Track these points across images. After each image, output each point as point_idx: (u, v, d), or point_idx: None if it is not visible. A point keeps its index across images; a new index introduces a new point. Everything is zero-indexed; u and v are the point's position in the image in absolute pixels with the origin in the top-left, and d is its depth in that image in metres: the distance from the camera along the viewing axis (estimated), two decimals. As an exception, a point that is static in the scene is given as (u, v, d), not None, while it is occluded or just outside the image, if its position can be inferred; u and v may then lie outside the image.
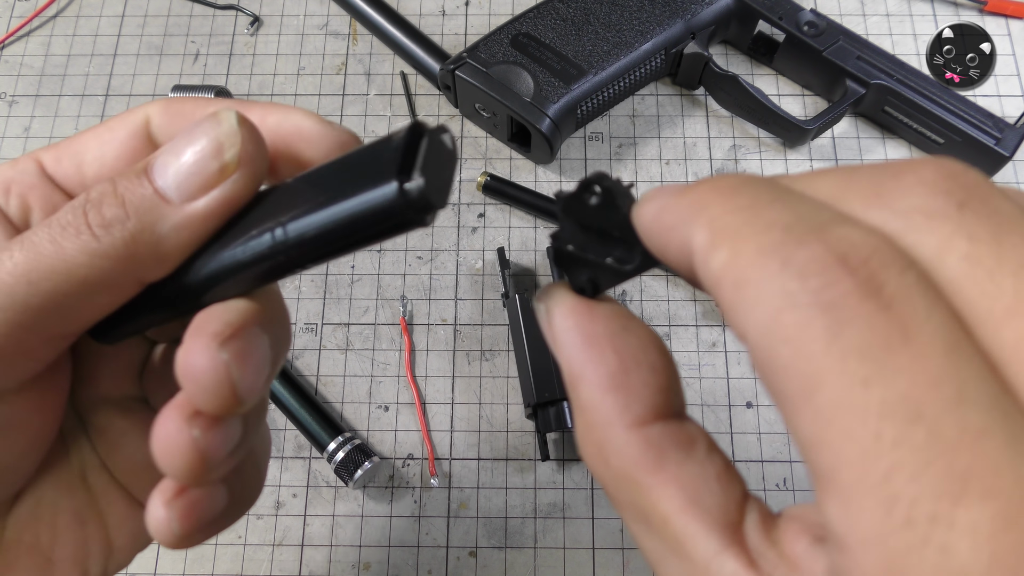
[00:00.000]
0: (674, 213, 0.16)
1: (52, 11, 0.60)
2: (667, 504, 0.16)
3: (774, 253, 0.14)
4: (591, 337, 0.18)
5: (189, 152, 0.20)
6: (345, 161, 0.19)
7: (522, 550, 0.46)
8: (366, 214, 0.18)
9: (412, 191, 0.17)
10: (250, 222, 0.20)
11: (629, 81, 0.52)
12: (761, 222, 0.15)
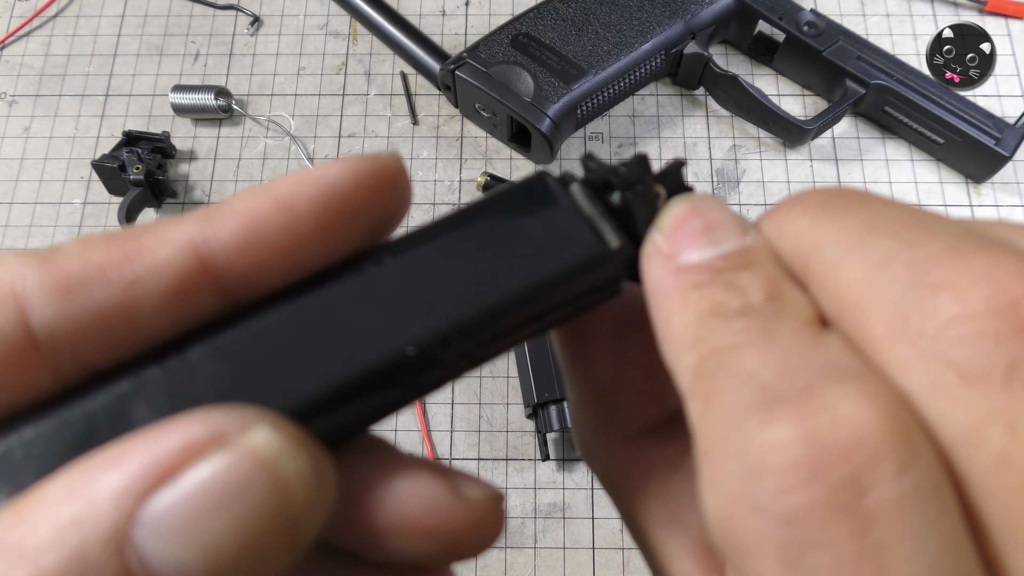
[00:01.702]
0: (673, 322, 0.14)
1: (52, 11, 0.60)
2: (647, 519, 0.15)
3: (745, 417, 0.11)
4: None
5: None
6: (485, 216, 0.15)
7: (522, 550, 0.46)
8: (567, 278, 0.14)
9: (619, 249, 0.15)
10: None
11: (629, 81, 0.52)
12: (738, 374, 0.12)
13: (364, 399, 0.14)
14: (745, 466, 0.10)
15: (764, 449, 0.10)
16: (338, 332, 0.14)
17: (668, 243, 0.15)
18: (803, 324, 0.12)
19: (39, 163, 0.56)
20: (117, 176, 0.52)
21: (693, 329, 0.13)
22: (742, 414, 0.11)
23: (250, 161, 0.55)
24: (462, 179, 0.54)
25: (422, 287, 0.14)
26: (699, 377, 0.12)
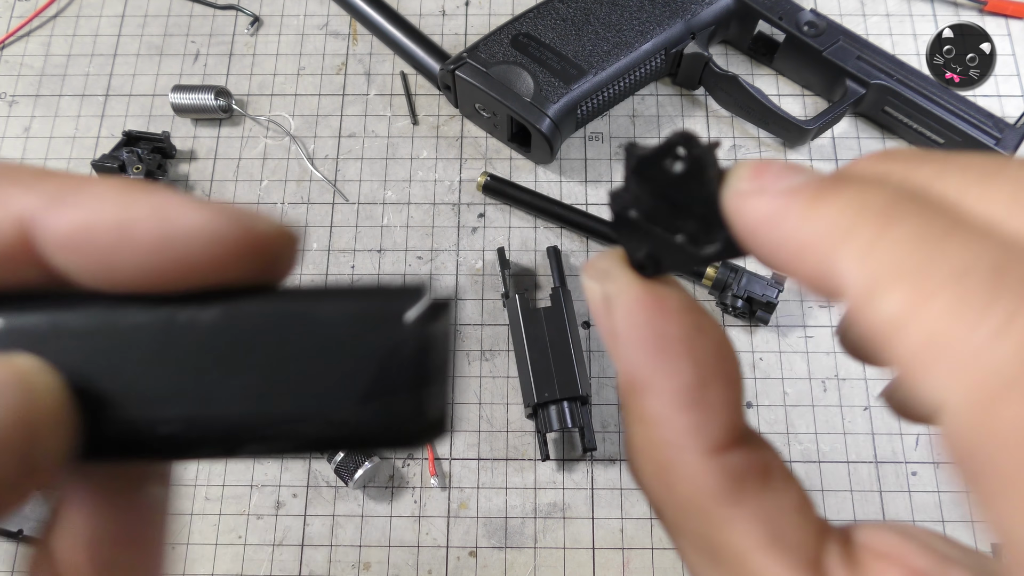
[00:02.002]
0: (804, 228, 0.13)
1: (52, 11, 0.60)
2: (745, 541, 0.14)
3: (987, 310, 0.11)
4: (664, 339, 0.15)
5: None
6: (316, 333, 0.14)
7: (522, 550, 0.46)
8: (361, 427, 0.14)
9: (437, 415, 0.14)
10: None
11: (629, 81, 0.52)
12: (946, 264, 0.12)
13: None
14: (1013, 343, 0.10)
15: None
16: (127, 360, 0.14)
17: (758, 180, 0.15)
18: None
19: (39, 163, 0.56)
20: (117, 176, 0.52)
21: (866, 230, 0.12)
22: (986, 303, 0.11)
23: (250, 161, 0.55)
24: (462, 179, 0.54)
25: (222, 361, 0.14)
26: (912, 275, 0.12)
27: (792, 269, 0.14)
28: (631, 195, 0.16)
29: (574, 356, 0.46)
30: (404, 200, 0.54)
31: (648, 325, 0.15)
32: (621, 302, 0.16)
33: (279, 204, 0.54)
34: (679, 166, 0.15)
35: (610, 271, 0.16)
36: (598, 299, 0.16)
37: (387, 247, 0.52)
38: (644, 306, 0.15)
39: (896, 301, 0.12)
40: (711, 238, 0.15)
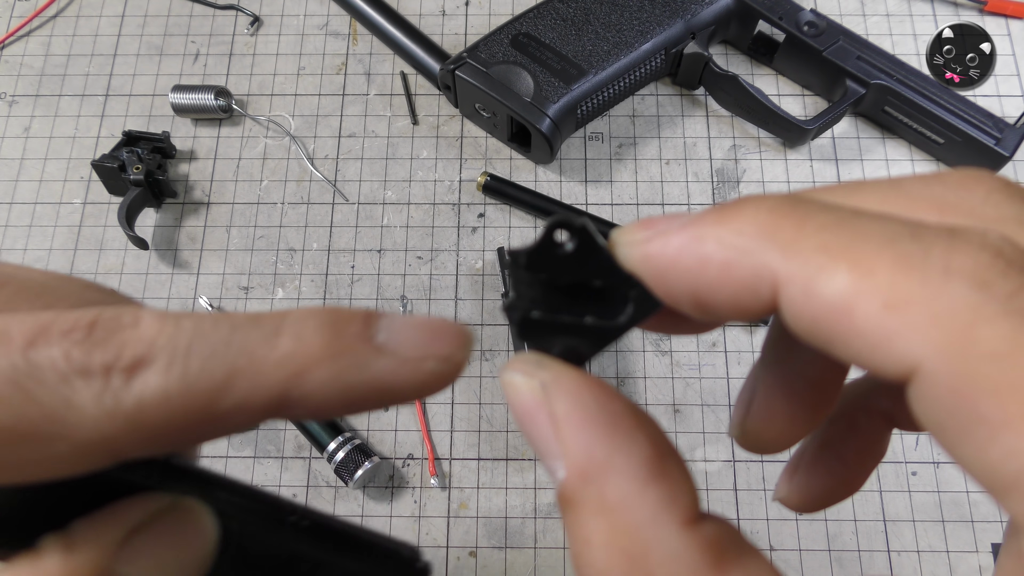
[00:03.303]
0: (723, 245, 0.14)
1: (52, 11, 0.60)
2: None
3: (926, 264, 0.12)
4: (616, 415, 0.15)
5: None
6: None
7: (522, 550, 0.46)
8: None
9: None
10: None
11: (629, 81, 0.52)
12: (871, 236, 0.13)
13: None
14: (962, 285, 0.12)
15: (973, 268, 0.12)
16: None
17: (651, 228, 0.16)
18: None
19: (39, 163, 0.56)
20: (117, 176, 0.52)
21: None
22: (926, 257, 0.12)
23: (250, 161, 0.55)
24: (462, 179, 0.54)
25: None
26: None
27: (719, 289, 0.14)
28: (525, 298, 0.16)
29: (574, 356, 0.46)
30: (404, 200, 0.54)
31: (597, 404, 0.15)
32: (563, 387, 0.15)
33: (279, 204, 0.54)
34: (569, 245, 0.15)
35: (540, 362, 0.16)
36: (528, 392, 0.15)
37: (387, 247, 0.52)
38: (589, 386, 0.15)
39: (841, 280, 0.13)
40: (622, 303, 0.16)
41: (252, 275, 0.52)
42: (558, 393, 0.15)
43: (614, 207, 0.53)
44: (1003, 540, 0.16)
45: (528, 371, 0.16)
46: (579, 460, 0.14)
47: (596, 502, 0.14)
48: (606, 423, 0.15)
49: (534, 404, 0.15)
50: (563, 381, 0.15)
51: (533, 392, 0.15)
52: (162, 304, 0.51)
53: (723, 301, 0.15)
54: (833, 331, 0.13)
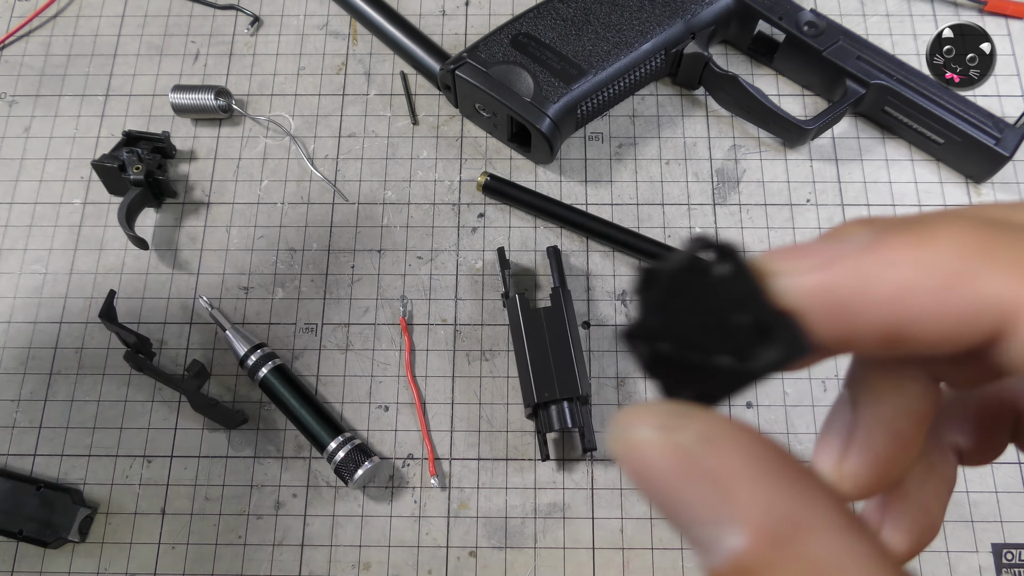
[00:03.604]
0: (931, 267, 0.12)
1: (52, 11, 0.60)
2: None
3: None
4: (791, 468, 0.13)
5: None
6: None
7: (522, 550, 0.46)
8: None
9: None
10: None
11: (629, 81, 0.52)
12: None
13: None
14: None
15: None
16: None
17: (811, 255, 0.14)
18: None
19: (39, 163, 0.56)
20: (117, 176, 0.52)
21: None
22: None
23: (250, 161, 0.55)
24: (462, 179, 0.54)
25: None
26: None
27: (929, 322, 0.13)
28: (651, 327, 0.14)
29: (574, 356, 0.46)
30: (404, 200, 0.54)
31: (768, 455, 0.13)
32: (727, 438, 0.13)
33: (279, 204, 0.54)
34: (722, 270, 0.13)
35: (682, 412, 0.13)
36: (675, 449, 0.13)
37: (387, 247, 0.52)
38: (752, 435, 0.13)
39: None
40: (756, 341, 0.13)
41: (252, 275, 0.52)
42: (724, 447, 0.13)
43: (614, 207, 0.53)
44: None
45: (669, 424, 0.13)
46: (767, 521, 0.12)
47: (797, 566, 0.12)
48: (786, 476, 0.13)
49: (688, 463, 0.13)
50: (725, 432, 0.13)
51: (682, 449, 0.13)
52: (162, 304, 0.51)
53: (930, 336, 0.13)
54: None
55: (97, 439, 0.49)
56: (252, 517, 0.47)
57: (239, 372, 0.50)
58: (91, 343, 0.51)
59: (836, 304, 0.13)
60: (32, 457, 0.48)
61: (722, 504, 0.12)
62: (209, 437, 0.48)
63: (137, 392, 0.50)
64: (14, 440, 0.49)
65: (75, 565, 0.46)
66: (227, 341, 0.49)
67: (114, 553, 0.46)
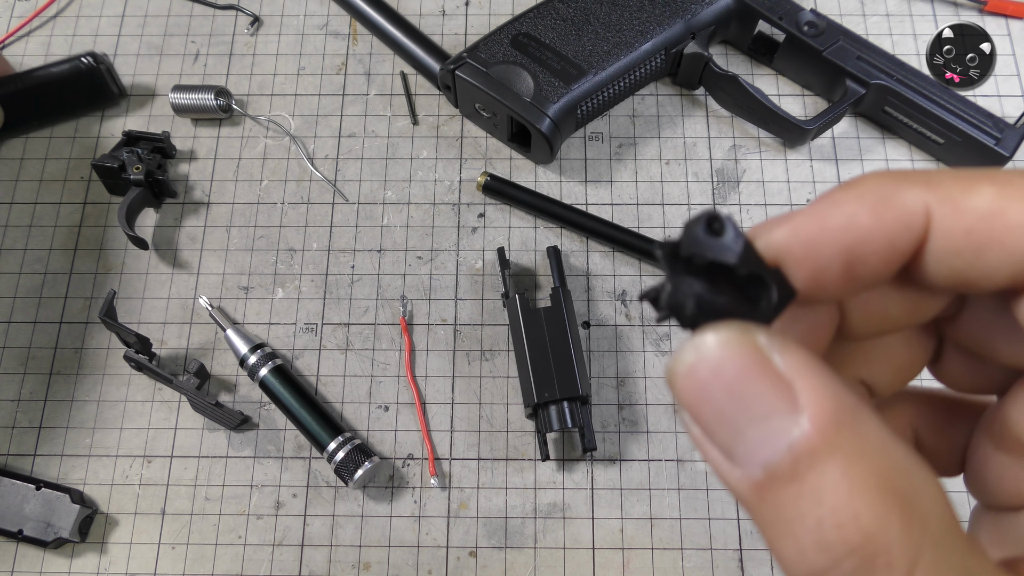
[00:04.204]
0: (864, 196, 0.16)
1: (52, 11, 0.60)
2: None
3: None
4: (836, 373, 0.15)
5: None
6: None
7: (522, 550, 0.46)
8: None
9: None
10: None
11: (629, 81, 0.52)
12: (989, 169, 0.15)
13: None
14: None
15: None
16: None
17: (783, 218, 0.17)
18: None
19: (39, 163, 0.56)
20: (117, 176, 0.52)
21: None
22: None
23: (250, 161, 0.55)
24: (462, 179, 0.54)
25: None
26: None
27: (873, 236, 0.16)
28: (683, 291, 0.16)
29: (574, 356, 0.46)
30: (404, 200, 0.54)
31: (820, 360, 0.15)
32: (787, 340, 0.15)
33: (279, 204, 0.54)
34: (728, 234, 0.16)
35: (745, 325, 0.15)
36: (743, 349, 0.15)
37: (387, 247, 0.52)
38: (803, 345, 0.15)
39: (987, 192, 0.15)
40: (759, 294, 0.16)
41: (252, 275, 0.52)
42: (786, 346, 0.15)
43: (614, 207, 0.53)
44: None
45: (744, 329, 0.15)
46: (831, 405, 0.14)
47: (855, 446, 0.13)
48: (833, 373, 0.14)
49: (756, 359, 0.14)
50: (782, 336, 0.15)
51: (754, 347, 0.15)
52: (162, 304, 0.51)
53: (878, 249, 0.16)
54: (988, 236, 0.15)
55: (97, 439, 0.49)
56: (252, 517, 0.47)
57: (239, 372, 0.50)
58: (91, 343, 0.51)
59: (803, 243, 0.16)
60: (32, 457, 0.48)
61: (790, 393, 0.14)
62: (209, 437, 0.48)
63: (137, 392, 0.50)
64: (14, 440, 0.49)
65: (75, 565, 0.46)
66: (227, 341, 0.49)
67: (114, 553, 0.46)
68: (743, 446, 0.14)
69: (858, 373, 0.20)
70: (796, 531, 0.13)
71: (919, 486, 0.13)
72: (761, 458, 0.14)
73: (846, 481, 0.13)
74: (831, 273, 0.16)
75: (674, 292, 0.16)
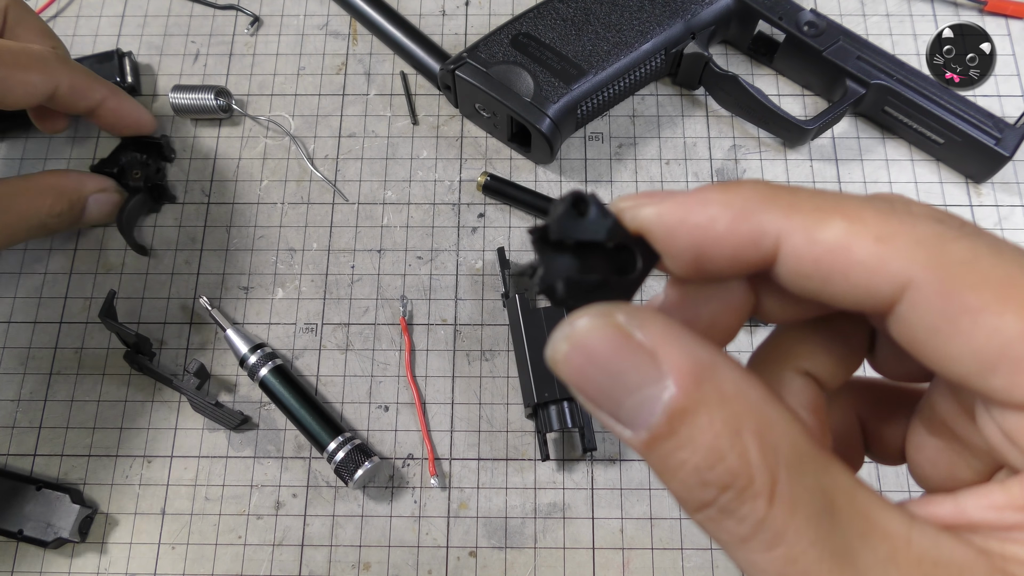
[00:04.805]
0: (729, 205, 0.17)
1: (52, 11, 0.60)
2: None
3: (895, 212, 0.16)
4: (698, 334, 0.17)
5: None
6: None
7: (522, 550, 0.46)
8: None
9: None
10: None
11: (629, 81, 0.52)
12: (851, 199, 0.17)
13: None
14: (930, 223, 0.16)
15: (934, 217, 0.17)
16: None
17: (652, 195, 0.19)
18: None
19: (39, 163, 0.56)
20: (116, 181, 0.52)
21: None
22: (891, 213, 0.17)
23: (250, 161, 0.55)
24: (462, 179, 0.54)
25: None
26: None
27: (723, 244, 0.17)
28: (556, 268, 0.18)
29: (574, 356, 0.46)
30: (404, 200, 0.54)
31: (679, 325, 0.17)
32: (646, 313, 0.17)
33: (279, 204, 0.54)
34: (592, 212, 0.18)
35: (608, 307, 0.17)
36: (609, 329, 0.17)
37: (387, 247, 0.52)
38: (663, 313, 0.18)
39: (837, 226, 0.16)
40: (628, 261, 0.18)
41: (252, 275, 0.52)
42: (644, 320, 0.16)
43: (614, 207, 0.53)
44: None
45: (604, 312, 0.17)
46: (689, 366, 0.16)
47: (716, 396, 0.16)
48: (692, 336, 0.16)
49: (622, 337, 0.16)
50: (644, 311, 0.17)
51: (615, 327, 0.16)
52: (162, 304, 0.51)
53: (725, 255, 0.17)
54: (833, 267, 0.16)
55: (97, 439, 0.49)
56: (252, 517, 0.47)
57: (239, 372, 0.50)
58: (91, 343, 0.51)
59: (664, 228, 0.18)
60: (32, 457, 0.48)
61: (654, 362, 0.16)
62: (209, 437, 0.48)
63: (137, 392, 0.50)
64: (14, 440, 0.49)
65: (75, 565, 0.46)
66: (227, 341, 0.49)
67: (114, 553, 0.46)
68: (626, 413, 0.16)
69: (802, 365, 0.21)
70: (681, 476, 0.16)
71: (772, 420, 0.16)
72: (643, 422, 0.16)
73: (711, 428, 0.15)
74: (682, 260, 0.18)
75: (545, 275, 0.17)
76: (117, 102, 0.50)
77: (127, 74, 0.56)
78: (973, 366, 0.15)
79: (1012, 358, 0.15)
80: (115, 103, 0.50)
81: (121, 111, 0.50)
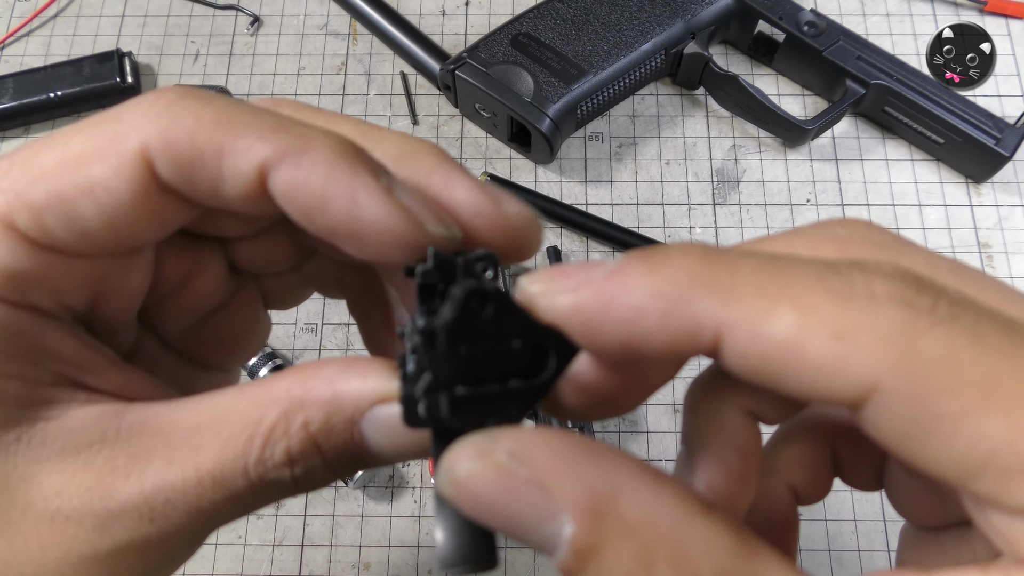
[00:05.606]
0: (658, 293, 0.15)
1: (52, 11, 0.60)
2: None
3: (855, 294, 0.14)
4: (588, 448, 0.15)
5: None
6: None
7: (522, 550, 0.46)
8: None
9: None
10: None
11: (629, 81, 0.52)
12: (799, 276, 0.14)
13: None
14: (894, 308, 0.14)
15: (893, 290, 0.14)
16: None
17: (556, 281, 0.16)
18: None
19: (39, 163, 0.56)
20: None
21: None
22: (853, 289, 0.14)
23: (250, 161, 0.55)
24: (462, 179, 0.54)
25: None
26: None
27: (656, 338, 0.15)
28: (444, 377, 0.15)
29: (574, 356, 0.46)
30: (404, 200, 0.54)
31: (568, 444, 0.15)
32: (533, 445, 0.15)
33: (279, 204, 0.54)
34: (489, 311, 0.15)
35: (490, 437, 0.15)
36: (496, 469, 0.15)
37: (387, 247, 0.52)
38: (549, 432, 0.15)
39: (787, 319, 0.14)
40: (540, 358, 0.15)
41: (252, 275, 0.52)
42: (530, 451, 0.15)
43: (614, 207, 0.53)
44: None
45: (483, 450, 0.15)
46: (586, 501, 0.14)
47: (620, 529, 0.14)
48: (591, 458, 0.15)
49: (508, 477, 0.15)
50: (529, 440, 0.15)
51: (501, 467, 0.15)
52: (162, 304, 0.51)
53: (659, 349, 0.15)
54: (784, 368, 0.14)
55: (97, 439, 0.48)
56: (252, 517, 0.47)
57: (239, 372, 0.50)
58: (91, 343, 0.51)
59: (585, 321, 0.15)
60: (32, 457, 0.48)
61: (547, 500, 0.14)
62: (209, 437, 0.48)
63: (137, 392, 0.50)
64: (14, 440, 0.49)
65: (75, 565, 0.46)
66: (227, 341, 0.49)
67: (114, 553, 0.46)
68: (537, 545, 0.15)
69: (745, 404, 0.19)
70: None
71: (688, 544, 0.14)
72: (556, 561, 0.14)
73: (621, 565, 0.14)
74: (606, 355, 0.16)
75: (431, 386, 0.15)
76: None
77: (127, 74, 0.56)
78: (953, 472, 0.14)
79: (999, 467, 0.13)
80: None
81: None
